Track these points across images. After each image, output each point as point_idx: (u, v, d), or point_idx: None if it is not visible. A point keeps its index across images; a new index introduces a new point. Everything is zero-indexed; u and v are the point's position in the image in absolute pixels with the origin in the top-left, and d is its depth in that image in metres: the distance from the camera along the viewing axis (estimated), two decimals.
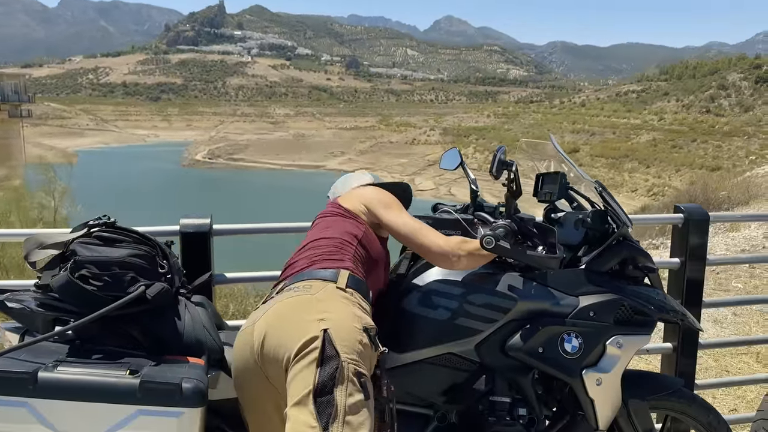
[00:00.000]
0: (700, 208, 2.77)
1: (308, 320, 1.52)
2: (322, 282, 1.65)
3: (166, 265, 1.75)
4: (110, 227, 1.77)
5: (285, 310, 1.60)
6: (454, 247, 1.83)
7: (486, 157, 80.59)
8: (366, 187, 2.08)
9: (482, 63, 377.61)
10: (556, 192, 2.09)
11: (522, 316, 1.87)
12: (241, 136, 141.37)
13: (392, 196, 2.01)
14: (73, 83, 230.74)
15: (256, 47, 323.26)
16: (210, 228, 2.35)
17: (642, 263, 2.00)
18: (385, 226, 1.93)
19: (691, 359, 2.83)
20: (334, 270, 1.70)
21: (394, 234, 1.93)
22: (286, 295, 1.64)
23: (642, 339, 1.94)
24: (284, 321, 1.56)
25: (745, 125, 68.71)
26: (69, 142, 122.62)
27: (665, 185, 59.33)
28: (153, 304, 1.60)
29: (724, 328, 4.62)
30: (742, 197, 12.10)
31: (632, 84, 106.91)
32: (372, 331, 1.58)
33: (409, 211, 2.04)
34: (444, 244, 1.83)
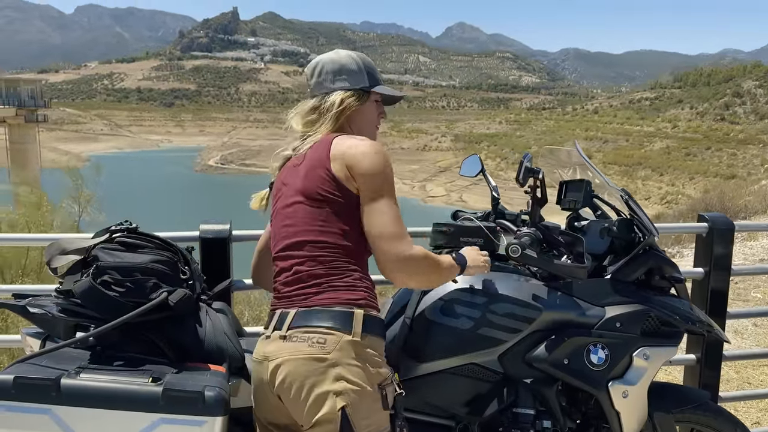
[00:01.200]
0: (725, 217, 2.73)
1: (323, 391, 1.50)
2: (335, 333, 1.54)
3: (187, 271, 1.74)
4: (132, 233, 1.76)
5: (297, 374, 1.52)
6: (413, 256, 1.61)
7: (498, 164, 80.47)
8: (366, 146, 1.67)
9: (494, 70, 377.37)
10: (580, 200, 2.06)
11: (546, 327, 1.84)
12: (254, 141, 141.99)
13: (391, 170, 1.68)
14: (88, 89, 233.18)
15: (269, 54, 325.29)
16: (229, 234, 2.34)
17: (669, 273, 1.96)
18: (363, 214, 1.63)
19: (715, 371, 2.78)
20: (346, 309, 1.57)
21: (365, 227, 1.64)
22: (296, 349, 1.54)
23: (669, 351, 1.91)
24: (298, 386, 1.52)
25: (760, 133, 68.09)
26: (83, 147, 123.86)
27: (679, 193, 58.91)
28: (175, 310, 1.60)
29: (745, 339, 4.54)
30: (759, 206, 11.96)
31: (645, 91, 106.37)
32: (387, 381, 1.58)
33: (423, 220, 2.00)
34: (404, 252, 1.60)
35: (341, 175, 1.63)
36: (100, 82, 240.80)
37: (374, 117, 1.84)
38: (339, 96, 1.75)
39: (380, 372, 1.57)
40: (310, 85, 1.82)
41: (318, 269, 1.62)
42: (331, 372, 1.51)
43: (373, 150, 1.65)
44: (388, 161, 1.66)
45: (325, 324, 1.55)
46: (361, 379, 1.52)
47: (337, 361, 1.51)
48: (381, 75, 1.86)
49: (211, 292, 1.92)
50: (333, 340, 1.53)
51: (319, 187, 1.64)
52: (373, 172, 1.62)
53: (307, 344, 1.53)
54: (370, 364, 1.55)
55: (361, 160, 1.63)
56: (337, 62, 1.79)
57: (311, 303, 1.59)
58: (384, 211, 1.61)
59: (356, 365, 1.52)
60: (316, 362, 1.51)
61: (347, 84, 1.77)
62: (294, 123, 1.81)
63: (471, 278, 1.87)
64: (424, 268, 1.63)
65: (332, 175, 1.63)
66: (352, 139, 1.68)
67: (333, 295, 1.59)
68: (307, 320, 1.57)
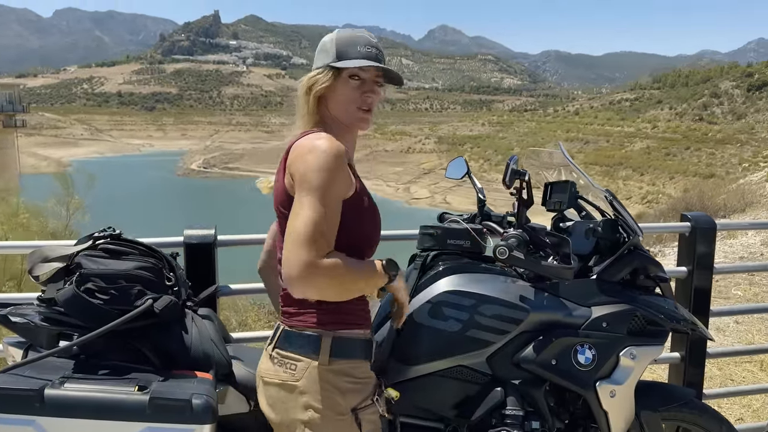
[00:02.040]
0: (707, 216, 2.76)
1: (294, 419, 1.51)
2: (304, 360, 1.52)
3: (173, 278, 1.72)
4: (116, 239, 1.73)
5: (274, 398, 1.55)
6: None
7: (481, 165, 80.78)
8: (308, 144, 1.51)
9: (476, 72, 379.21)
10: (565, 201, 2.07)
11: (534, 328, 1.84)
12: (237, 145, 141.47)
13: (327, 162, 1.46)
14: (67, 93, 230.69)
15: (251, 57, 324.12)
16: (214, 239, 2.32)
17: (653, 273, 1.98)
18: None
19: (699, 369, 2.81)
20: (313, 333, 1.53)
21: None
22: (275, 373, 1.55)
23: (655, 350, 1.92)
24: (274, 410, 1.55)
25: (737, 133, 69.22)
26: (64, 152, 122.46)
27: (659, 192, 59.65)
28: (161, 317, 1.57)
29: (727, 336, 4.60)
30: (738, 204, 12.16)
31: (625, 92, 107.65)
32: (361, 405, 1.54)
33: (408, 222, 1.95)
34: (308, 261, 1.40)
35: (290, 186, 1.52)
36: (80, 87, 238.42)
37: (351, 95, 1.60)
38: (305, 78, 1.63)
39: (352, 397, 1.53)
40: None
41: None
42: (300, 400, 1.51)
43: (316, 149, 1.47)
44: (329, 161, 1.45)
45: (296, 349, 1.54)
46: (329, 408, 1.50)
47: (305, 389, 1.50)
48: (367, 50, 1.62)
49: (197, 299, 1.89)
50: (302, 366, 1.52)
51: (280, 201, 1.58)
52: (304, 170, 1.46)
53: (283, 369, 1.54)
54: (340, 391, 1.52)
55: (298, 163, 1.49)
56: (319, 45, 1.67)
57: (291, 323, 1.58)
58: (298, 212, 1.43)
59: (324, 393, 1.50)
60: (288, 389, 1.52)
61: (317, 64, 1.63)
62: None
63: (458, 281, 1.87)
64: (329, 280, 1.42)
65: (285, 189, 1.55)
66: (306, 139, 1.53)
67: (305, 318, 1.56)
68: (285, 343, 1.56)
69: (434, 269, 1.93)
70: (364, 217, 1.58)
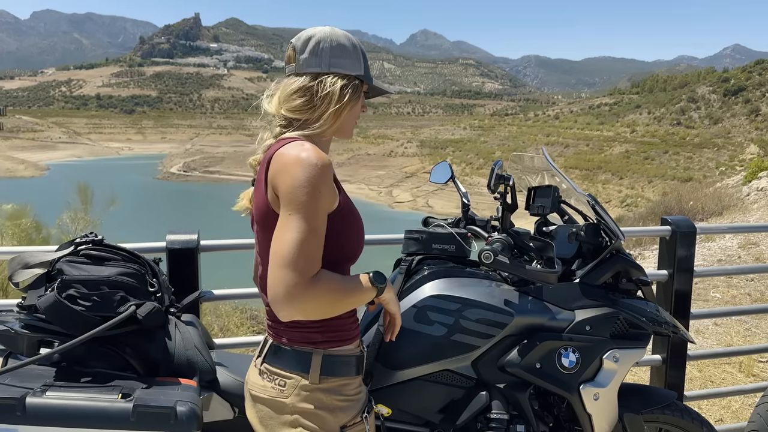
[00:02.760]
0: (687, 220, 2.80)
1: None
2: (293, 377, 1.49)
3: (155, 284, 1.69)
4: (98, 245, 1.71)
5: (262, 413, 1.53)
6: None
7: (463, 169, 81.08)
8: (292, 155, 1.40)
9: (458, 76, 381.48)
10: (549, 206, 2.09)
11: (519, 331, 1.85)
12: (217, 148, 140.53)
13: (312, 176, 1.37)
14: (45, 96, 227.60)
15: (232, 60, 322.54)
16: (197, 244, 2.30)
17: (635, 276, 2.01)
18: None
19: (680, 371, 2.84)
20: (304, 350, 1.49)
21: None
22: (264, 388, 1.52)
23: (638, 352, 1.94)
24: (262, 426, 1.53)
25: (714, 137, 70.46)
26: (41, 156, 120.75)
27: (638, 196, 60.40)
28: (144, 324, 1.56)
29: (707, 338, 4.67)
30: (715, 208, 12.34)
31: (605, 97, 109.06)
32: (353, 421, 1.51)
33: (391, 228, 1.92)
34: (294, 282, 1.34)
35: (274, 201, 1.43)
36: (58, 89, 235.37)
37: (359, 111, 1.58)
38: (339, 83, 1.49)
39: (342, 415, 1.51)
40: (299, 60, 1.51)
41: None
42: (288, 419, 1.49)
43: (304, 162, 1.36)
44: (317, 175, 1.36)
45: (285, 366, 1.51)
46: (318, 425, 1.48)
47: (293, 408, 1.48)
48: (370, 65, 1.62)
49: (180, 305, 1.87)
50: (291, 384, 1.49)
51: (262, 213, 1.47)
52: (291, 185, 1.36)
53: (272, 385, 1.51)
54: (329, 409, 1.49)
55: (282, 177, 1.38)
56: (335, 40, 1.52)
57: (280, 339, 1.53)
58: (284, 233, 1.35)
59: (312, 412, 1.48)
60: (276, 406, 1.50)
61: (344, 69, 1.51)
62: (270, 106, 1.54)
63: (443, 285, 1.88)
64: (315, 303, 1.37)
65: (268, 203, 1.44)
66: (290, 151, 1.40)
67: (294, 334, 1.50)
68: (274, 358, 1.53)
69: (419, 274, 1.93)
70: (348, 229, 1.50)
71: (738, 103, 75.76)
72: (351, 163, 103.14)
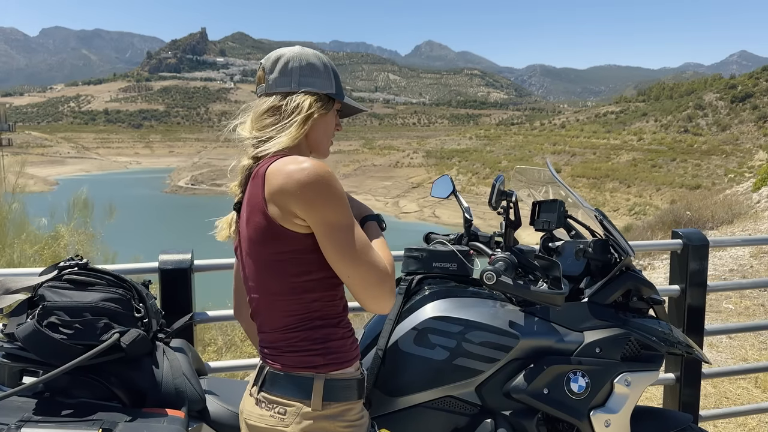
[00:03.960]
0: (699, 232, 2.70)
1: None
2: (294, 404, 1.43)
3: (142, 309, 1.62)
4: (83, 269, 1.63)
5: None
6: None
7: (469, 179, 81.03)
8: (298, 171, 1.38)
9: (463, 86, 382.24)
10: (554, 221, 2.00)
11: (525, 355, 1.76)
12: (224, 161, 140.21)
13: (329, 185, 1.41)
14: (54, 111, 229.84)
15: (238, 73, 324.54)
16: (191, 264, 2.22)
17: (647, 294, 1.91)
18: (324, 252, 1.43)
19: (695, 390, 2.74)
20: (305, 375, 1.44)
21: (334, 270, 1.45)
22: (261, 417, 1.45)
23: (650, 375, 1.84)
24: None
25: (722, 144, 70.07)
26: (50, 171, 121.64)
27: (646, 204, 60.07)
28: (128, 352, 1.49)
29: (720, 352, 4.53)
30: (725, 216, 12.16)
31: (611, 105, 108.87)
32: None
33: (397, 237, 1.87)
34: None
35: (280, 217, 1.38)
36: (67, 105, 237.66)
37: (332, 129, 1.60)
38: (307, 99, 1.49)
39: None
40: (268, 81, 1.52)
41: (277, 328, 1.47)
42: None
43: (311, 177, 1.35)
44: (328, 183, 1.37)
45: (285, 393, 1.44)
46: None
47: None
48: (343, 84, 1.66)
49: (170, 329, 1.79)
50: (292, 412, 1.42)
51: (261, 234, 1.41)
52: (313, 204, 1.36)
53: (270, 414, 1.44)
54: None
55: (298, 194, 1.35)
56: (305, 59, 1.53)
57: (277, 365, 1.46)
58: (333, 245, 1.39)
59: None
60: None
61: (314, 87, 1.52)
62: (243, 130, 1.55)
63: (445, 306, 1.79)
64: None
65: (271, 219, 1.39)
66: (287, 166, 1.38)
67: (292, 359, 1.45)
68: (272, 386, 1.46)
69: (420, 294, 1.85)
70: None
71: (746, 109, 75.37)
72: (357, 174, 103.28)
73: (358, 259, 1.39)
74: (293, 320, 1.45)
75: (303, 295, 1.43)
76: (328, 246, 1.39)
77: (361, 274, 1.40)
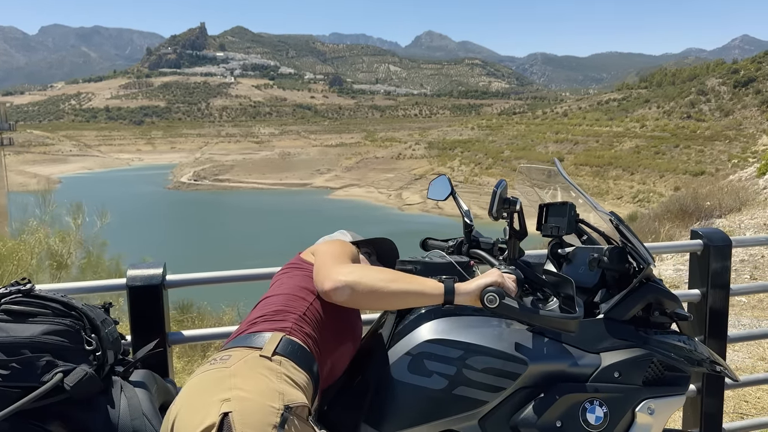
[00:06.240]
0: (720, 232, 2.48)
1: (211, 402, 1.24)
2: (245, 350, 1.38)
3: (94, 341, 1.40)
4: (26, 296, 1.40)
5: (193, 390, 1.32)
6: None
7: (472, 170, 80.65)
8: (328, 241, 1.76)
9: (464, 77, 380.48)
10: (564, 226, 1.78)
11: (534, 382, 1.54)
12: (226, 156, 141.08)
13: (350, 248, 1.70)
14: (55, 109, 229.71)
15: (238, 68, 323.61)
16: (163, 279, 2.01)
17: (671, 309, 1.68)
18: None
19: (718, 401, 2.53)
20: (267, 334, 1.43)
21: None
22: (201, 370, 1.38)
23: (676, 401, 1.62)
24: (188, 404, 1.29)
25: (726, 129, 69.58)
26: (52, 169, 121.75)
27: (650, 191, 59.77)
28: (74, 394, 1.30)
29: (737, 351, 4.32)
30: (733, 204, 11.89)
31: (613, 92, 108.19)
32: (299, 410, 1.29)
33: (400, 227, 1.67)
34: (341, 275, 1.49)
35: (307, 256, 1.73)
36: (68, 103, 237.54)
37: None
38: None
39: (289, 392, 1.30)
40: None
41: (257, 316, 1.51)
42: (227, 382, 1.28)
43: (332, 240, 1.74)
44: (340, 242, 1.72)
45: (238, 345, 1.42)
46: (260, 392, 1.26)
47: (235, 372, 1.31)
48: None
49: (135, 359, 1.58)
50: (238, 356, 1.36)
51: (288, 269, 1.72)
52: (326, 244, 1.69)
53: (211, 364, 1.37)
54: (277, 380, 1.31)
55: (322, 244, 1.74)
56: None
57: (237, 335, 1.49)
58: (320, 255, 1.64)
59: (257, 377, 1.30)
60: (214, 378, 1.32)
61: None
62: None
63: (442, 327, 1.58)
64: (365, 295, 1.48)
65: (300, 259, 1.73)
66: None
67: (259, 327, 1.47)
68: (223, 348, 1.44)
69: (414, 313, 1.63)
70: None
71: (749, 94, 74.75)
72: (359, 166, 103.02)
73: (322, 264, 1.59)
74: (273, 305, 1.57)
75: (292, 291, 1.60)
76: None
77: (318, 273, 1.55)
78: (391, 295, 1.48)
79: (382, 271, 1.53)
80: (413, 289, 1.49)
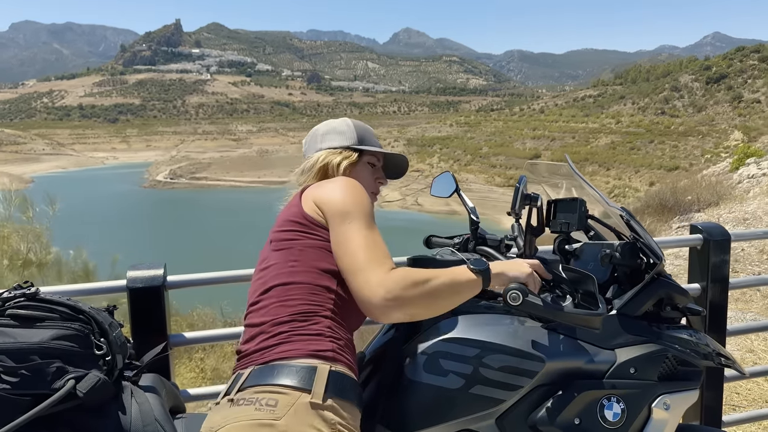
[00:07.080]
0: (720, 227, 2.49)
1: None
2: (290, 393, 1.26)
3: (104, 344, 1.37)
4: (31, 300, 1.36)
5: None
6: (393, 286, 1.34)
7: (450, 166, 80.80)
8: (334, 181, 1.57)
9: (442, 74, 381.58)
10: (575, 222, 1.77)
11: (551, 380, 1.52)
12: (203, 154, 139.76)
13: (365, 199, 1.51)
14: (27, 108, 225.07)
15: (215, 65, 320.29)
16: (164, 280, 1.96)
17: (682, 304, 1.68)
18: (333, 243, 1.46)
19: (718, 393, 2.55)
20: (306, 363, 1.31)
21: (336, 255, 1.45)
22: (241, 414, 1.26)
23: (690, 395, 1.62)
24: None
25: (698, 125, 70.73)
26: (24, 168, 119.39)
27: (626, 186, 60.46)
28: (86, 401, 1.28)
29: (729, 344, 4.37)
30: (711, 198, 12.09)
31: (589, 89, 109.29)
32: None
33: (381, 223, 1.59)
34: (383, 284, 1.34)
35: (312, 212, 1.51)
36: (40, 101, 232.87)
37: (369, 179, 1.74)
38: (321, 153, 1.71)
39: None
40: (304, 154, 1.78)
41: (282, 316, 1.38)
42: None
43: (344, 182, 1.54)
44: (359, 191, 1.52)
45: (279, 381, 1.28)
46: None
47: (286, 429, 1.22)
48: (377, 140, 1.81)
49: (140, 364, 1.53)
50: (286, 401, 1.25)
51: (290, 228, 1.51)
52: (339, 199, 1.48)
53: (255, 407, 1.25)
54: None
55: (330, 192, 1.52)
56: (328, 125, 1.78)
57: (269, 358, 1.33)
58: (351, 237, 1.42)
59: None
60: (261, 429, 1.22)
61: (333, 143, 1.73)
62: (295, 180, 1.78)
63: (457, 325, 1.55)
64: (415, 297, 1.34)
65: (303, 213, 1.51)
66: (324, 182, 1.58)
67: (294, 346, 1.33)
68: (261, 378, 1.30)
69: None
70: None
71: (720, 90, 76.13)
72: None
73: (360, 262, 1.45)
74: (293, 306, 1.43)
75: (309, 281, 1.46)
76: (337, 241, 1.51)
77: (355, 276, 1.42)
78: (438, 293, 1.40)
79: (419, 272, 1.40)
80: (456, 298, 1.45)
